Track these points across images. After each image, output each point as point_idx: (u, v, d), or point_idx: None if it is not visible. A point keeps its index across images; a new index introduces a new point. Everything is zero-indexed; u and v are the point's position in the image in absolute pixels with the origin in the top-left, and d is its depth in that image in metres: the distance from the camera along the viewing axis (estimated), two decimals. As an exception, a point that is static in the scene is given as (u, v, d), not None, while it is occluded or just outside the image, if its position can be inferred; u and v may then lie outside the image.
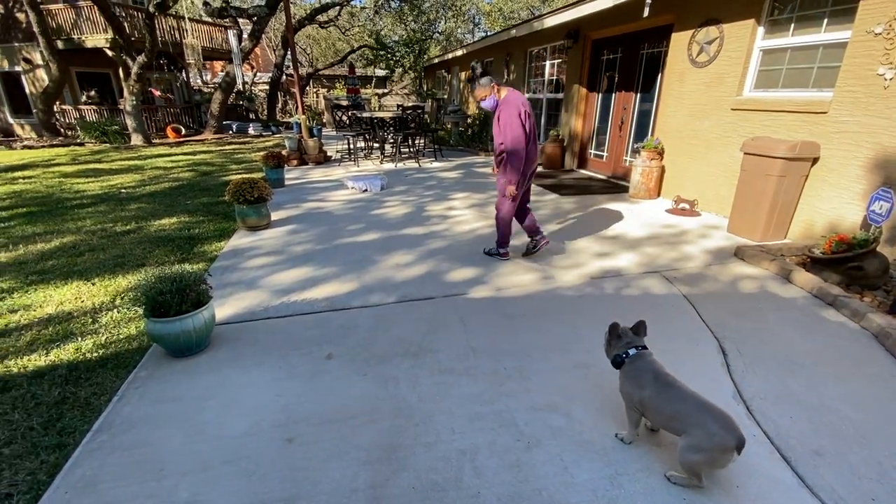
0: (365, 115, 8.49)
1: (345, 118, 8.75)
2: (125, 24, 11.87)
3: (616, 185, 6.37)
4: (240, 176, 6.01)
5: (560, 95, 8.17)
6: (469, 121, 12.14)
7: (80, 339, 2.53)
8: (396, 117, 8.41)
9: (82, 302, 2.99)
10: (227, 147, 11.78)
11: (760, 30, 4.34)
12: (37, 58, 13.22)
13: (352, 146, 8.61)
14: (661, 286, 3.12)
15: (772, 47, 4.28)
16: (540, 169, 7.88)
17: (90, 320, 2.74)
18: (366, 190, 6.08)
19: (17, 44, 13.37)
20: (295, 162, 8.28)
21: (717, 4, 4.68)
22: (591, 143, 7.48)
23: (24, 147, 11.76)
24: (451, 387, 2.09)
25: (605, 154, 7.13)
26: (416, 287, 3.11)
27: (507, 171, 3.25)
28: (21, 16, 12.88)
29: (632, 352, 1.70)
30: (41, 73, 13.43)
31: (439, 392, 2.05)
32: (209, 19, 15.93)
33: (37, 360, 2.33)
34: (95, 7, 10.86)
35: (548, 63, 8.49)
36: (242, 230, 4.37)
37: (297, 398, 2.02)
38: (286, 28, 7.73)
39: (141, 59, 11.02)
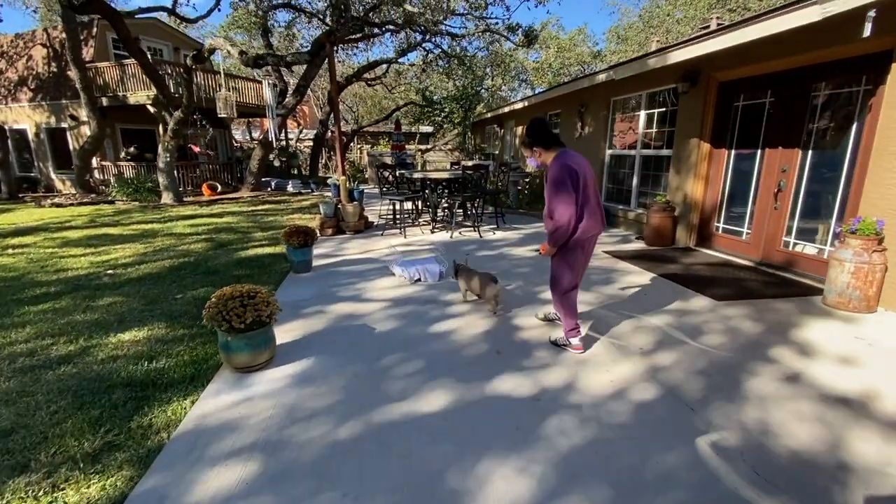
0: (416, 175, 7.01)
1: (391, 177, 7.30)
2: (169, 81, 11.40)
3: (778, 279, 4.36)
4: (242, 277, 4.51)
5: (664, 152, 6.41)
6: (527, 179, 10.57)
7: None
8: (455, 178, 6.87)
9: None
10: (260, 207, 10.66)
11: None
12: (82, 115, 13.01)
13: (398, 212, 7.07)
14: None
15: None
16: (641, 246, 5.98)
17: None
18: (418, 279, 4.37)
19: (64, 101, 13.29)
20: (330, 231, 6.80)
21: None
22: (717, 214, 5.56)
23: (53, 205, 11.10)
24: None
25: (744, 230, 5.17)
26: None
27: (552, 239, 2.79)
28: (72, 74, 12.80)
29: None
30: (85, 129, 13.18)
31: None
32: (256, 76, 15.73)
33: None
34: (139, 65, 10.40)
35: (643, 114, 6.83)
36: (228, 371, 2.67)
37: None
38: (329, 77, 6.54)
39: (177, 114, 10.32)
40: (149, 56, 9.99)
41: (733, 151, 5.27)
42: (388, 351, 2.94)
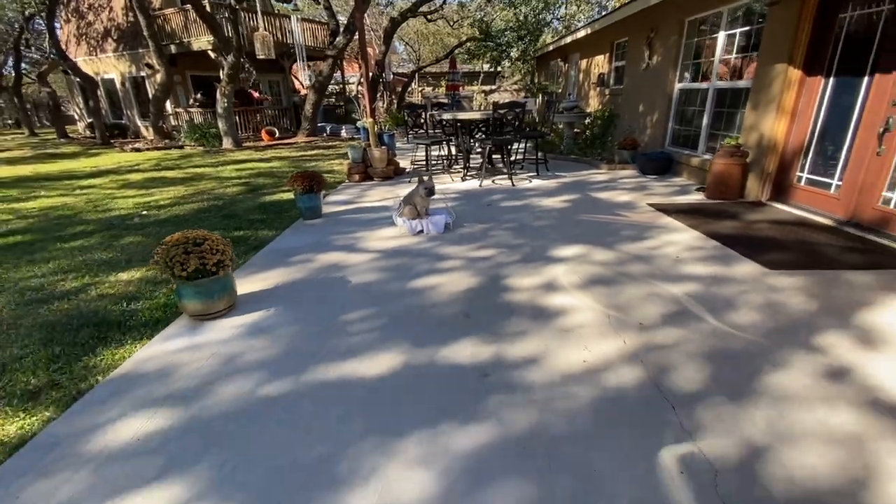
0: (446, 116, 6.48)
1: (421, 120, 6.85)
2: (226, 25, 11.52)
3: (866, 245, 3.43)
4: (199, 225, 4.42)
5: (743, 83, 5.24)
6: (587, 121, 9.46)
7: None
8: (488, 119, 6.25)
9: None
10: (308, 152, 10.79)
11: None
12: (155, 63, 13.75)
13: (428, 157, 6.66)
14: None
15: None
16: (699, 198, 5.10)
17: None
18: (420, 231, 4.06)
19: (141, 50, 14.10)
20: (357, 177, 6.62)
21: None
22: (800, 160, 4.50)
23: (133, 149, 12.13)
24: None
25: (833, 182, 4.13)
26: None
27: None
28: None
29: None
30: (159, 77, 13.99)
31: None
32: (311, 18, 15.42)
33: None
34: (192, 7, 10.55)
35: (721, 35, 5.58)
36: (185, 318, 2.63)
37: None
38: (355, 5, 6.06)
39: (230, 58, 10.46)
40: (202, -1, 10.05)
41: (831, 80, 4.11)
42: (354, 305, 2.73)
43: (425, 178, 4.11)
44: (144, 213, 5.29)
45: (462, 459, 1.55)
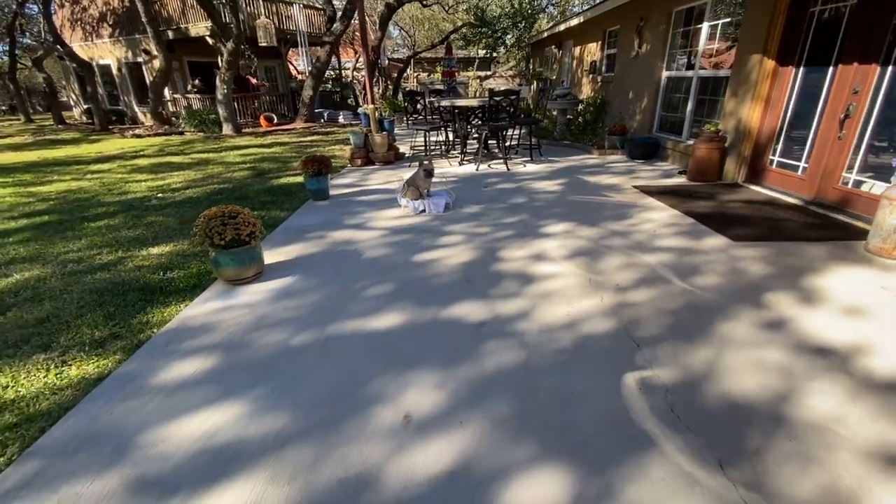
0: (444, 103, 6.77)
1: (419, 107, 7.13)
2: (224, 11, 11.60)
3: (824, 221, 3.83)
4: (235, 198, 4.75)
5: (723, 73, 5.57)
6: (580, 108, 9.76)
7: None
8: (484, 105, 6.55)
9: None
10: (308, 138, 11.01)
11: None
12: (154, 49, 13.80)
13: (427, 143, 6.97)
14: None
15: None
16: (681, 181, 5.47)
17: None
18: (423, 211, 4.40)
19: (138, 35, 14.12)
20: (360, 161, 6.92)
21: None
22: (773, 144, 4.86)
23: (133, 136, 12.29)
24: None
25: (801, 164, 4.50)
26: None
27: None
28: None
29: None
30: (157, 63, 14.03)
31: None
32: (309, 4, 15.44)
33: None
34: (192, -7, 10.64)
35: (706, 25, 5.88)
36: (220, 283, 2.98)
37: None
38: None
39: (230, 45, 10.60)
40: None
41: (801, 69, 4.45)
42: (366, 275, 3.09)
43: (425, 161, 4.43)
44: (160, 195, 5.58)
45: (466, 384, 1.93)
